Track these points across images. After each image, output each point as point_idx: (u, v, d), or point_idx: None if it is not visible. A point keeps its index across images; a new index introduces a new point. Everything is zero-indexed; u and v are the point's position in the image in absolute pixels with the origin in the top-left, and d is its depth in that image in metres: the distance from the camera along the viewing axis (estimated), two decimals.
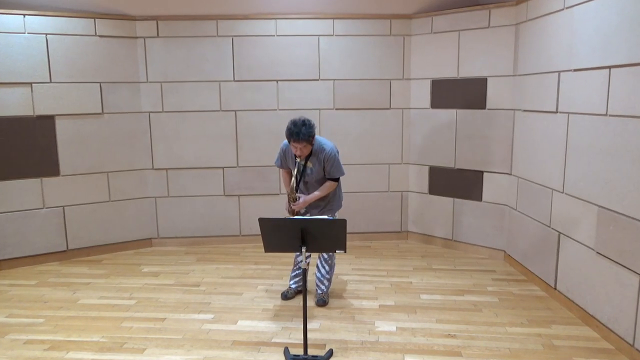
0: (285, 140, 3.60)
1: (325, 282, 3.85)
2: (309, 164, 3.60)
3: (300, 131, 3.36)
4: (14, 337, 3.35)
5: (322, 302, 3.79)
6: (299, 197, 3.61)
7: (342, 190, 4.80)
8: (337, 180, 3.66)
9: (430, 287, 4.17)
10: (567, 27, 3.63)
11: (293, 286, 3.95)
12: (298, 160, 3.52)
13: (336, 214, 3.79)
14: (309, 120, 3.42)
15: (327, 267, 3.83)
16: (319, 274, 3.86)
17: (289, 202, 3.69)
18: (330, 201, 3.75)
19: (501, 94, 4.63)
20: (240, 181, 5.31)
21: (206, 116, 5.18)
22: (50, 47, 4.63)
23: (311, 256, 3.89)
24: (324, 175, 3.63)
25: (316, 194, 3.62)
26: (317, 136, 3.60)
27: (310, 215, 3.72)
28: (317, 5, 5.04)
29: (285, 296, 3.91)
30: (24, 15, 4.52)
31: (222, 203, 5.34)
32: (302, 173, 3.62)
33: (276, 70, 5.14)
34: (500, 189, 4.75)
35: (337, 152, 3.63)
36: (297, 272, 3.93)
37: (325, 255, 3.81)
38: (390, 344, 3.22)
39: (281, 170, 3.84)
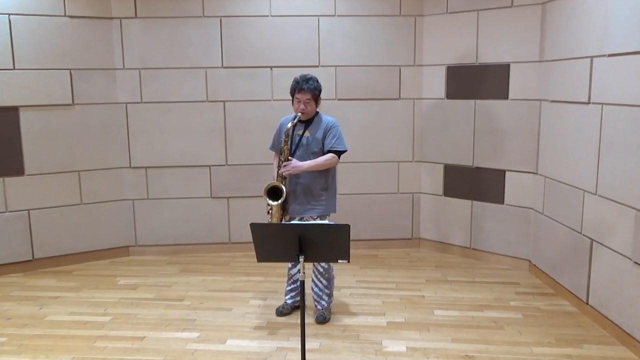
0: (282, 119, 3.84)
1: (325, 297, 3.85)
2: (307, 133, 3.68)
3: (307, 82, 3.57)
4: None
5: (322, 319, 3.79)
6: (291, 160, 3.61)
7: (344, 192, 4.79)
8: (339, 155, 3.68)
9: (445, 301, 4.17)
10: (601, 6, 3.63)
11: (289, 301, 3.95)
12: (298, 116, 3.58)
13: (327, 219, 3.76)
14: (317, 78, 3.66)
15: (324, 281, 3.82)
16: (316, 289, 3.85)
17: (277, 167, 3.70)
18: (321, 198, 3.70)
19: (526, 82, 4.63)
20: (230, 181, 5.31)
21: (191, 107, 5.18)
22: (13, 29, 4.63)
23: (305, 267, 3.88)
24: (321, 149, 3.67)
25: (317, 161, 3.61)
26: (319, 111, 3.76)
27: (297, 216, 3.72)
28: None
29: (281, 312, 3.91)
30: None
31: (209, 206, 5.34)
32: (297, 144, 3.63)
33: (270, 56, 5.14)
34: (525, 190, 4.75)
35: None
36: (292, 285, 3.93)
37: (321, 268, 3.80)
38: None
39: (273, 155, 3.89)
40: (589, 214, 3.81)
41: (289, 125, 3.62)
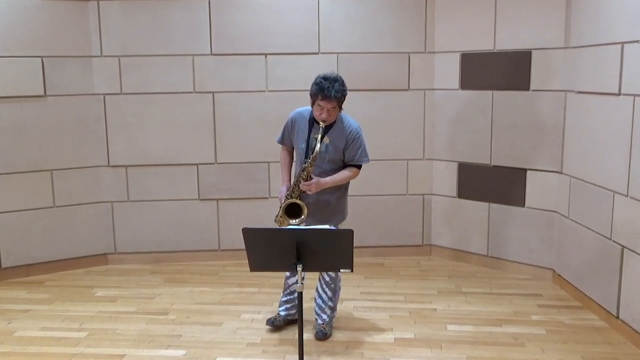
0: (296, 111, 3.77)
1: (327, 310, 3.85)
2: (325, 140, 3.65)
3: (333, 86, 3.46)
4: None
5: (322, 335, 3.79)
6: (312, 177, 3.59)
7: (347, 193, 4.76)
8: (359, 168, 3.72)
9: (459, 315, 4.18)
10: None
11: (282, 314, 3.95)
12: (320, 124, 3.53)
13: (338, 227, 3.77)
14: (342, 78, 3.55)
15: (329, 292, 3.83)
16: (319, 300, 3.86)
17: (294, 183, 3.66)
18: (336, 209, 3.75)
19: (549, 71, 4.63)
20: (220, 182, 5.31)
21: (176, 99, 5.18)
22: None
23: (306, 276, 3.87)
24: (340, 159, 3.67)
25: (338, 177, 3.65)
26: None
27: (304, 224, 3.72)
28: None
29: (272, 322, 3.91)
30: None
31: (196, 209, 5.34)
32: (313, 149, 3.62)
33: (265, 42, 5.14)
34: (548, 191, 4.75)
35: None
36: (288, 297, 3.93)
37: (327, 277, 3.81)
38: None
39: (281, 148, 3.90)
40: (620, 218, 3.81)
41: (317, 149, 3.50)
